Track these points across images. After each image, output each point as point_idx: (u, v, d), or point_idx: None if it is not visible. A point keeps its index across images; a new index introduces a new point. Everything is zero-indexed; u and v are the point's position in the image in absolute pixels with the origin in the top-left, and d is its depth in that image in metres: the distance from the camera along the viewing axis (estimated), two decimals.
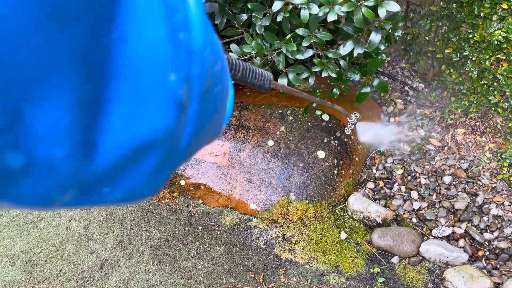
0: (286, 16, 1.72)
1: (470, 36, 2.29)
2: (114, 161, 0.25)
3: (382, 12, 1.72)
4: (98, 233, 2.27)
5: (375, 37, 1.88)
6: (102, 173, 0.25)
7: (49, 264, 2.14)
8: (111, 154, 0.25)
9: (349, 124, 2.25)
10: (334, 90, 2.24)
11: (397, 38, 2.17)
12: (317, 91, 2.37)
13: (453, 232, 2.08)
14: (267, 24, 1.82)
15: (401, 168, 2.42)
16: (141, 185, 0.29)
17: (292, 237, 2.15)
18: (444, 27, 2.48)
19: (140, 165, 0.28)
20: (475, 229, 2.08)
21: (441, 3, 2.41)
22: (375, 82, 2.16)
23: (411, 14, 2.73)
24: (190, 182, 2.35)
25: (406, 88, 2.87)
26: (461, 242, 2.05)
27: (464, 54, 2.38)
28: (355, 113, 2.23)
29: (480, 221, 2.10)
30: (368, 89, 2.20)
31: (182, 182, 2.37)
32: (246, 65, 0.84)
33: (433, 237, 2.10)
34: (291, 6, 1.70)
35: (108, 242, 2.22)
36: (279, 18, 1.73)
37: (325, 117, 2.45)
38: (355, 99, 2.26)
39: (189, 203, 2.38)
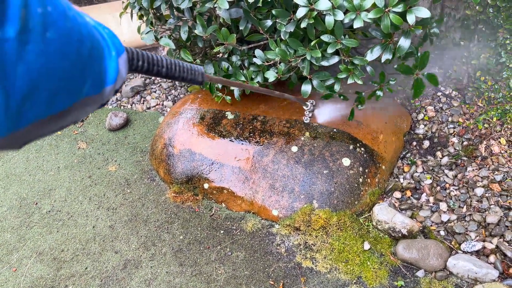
0: (311, 22, 1.70)
1: (507, 42, 2.18)
2: None
3: (411, 19, 1.66)
4: (123, 233, 2.31)
5: (404, 43, 1.82)
6: None
7: (75, 261, 2.20)
8: None
9: (306, 112, 2.22)
10: (378, 92, 2.14)
11: (434, 37, 2.07)
12: (361, 93, 2.28)
13: (484, 247, 1.99)
14: (292, 30, 1.79)
15: (430, 178, 2.33)
16: None
17: (314, 245, 2.12)
18: (480, 32, 2.38)
19: None
20: (507, 244, 1.98)
21: (477, 7, 2.31)
22: (425, 74, 2.04)
23: (445, 18, 2.63)
24: (214, 186, 2.36)
25: (438, 94, 2.78)
26: (492, 258, 1.95)
27: (500, 60, 2.28)
28: (310, 101, 2.20)
29: None
30: (422, 81, 2.06)
31: (206, 186, 2.38)
32: (172, 61, 0.84)
33: (461, 252, 2.01)
34: (316, 13, 1.67)
35: (132, 242, 2.26)
36: (303, 25, 1.71)
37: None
38: (412, 96, 2.11)
39: (212, 207, 2.39)
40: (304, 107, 2.20)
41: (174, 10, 2.13)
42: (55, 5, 0.39)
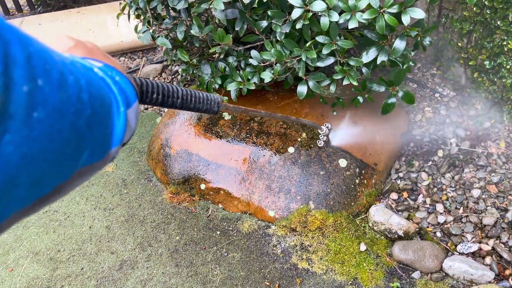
0: (306, 23, 1.70)
1: (504, 43, 2.18)
2: None
3: (406, 19, 1.66)
4: (119, 233, 2.31)
5: (399, 44, 1.82)
6: None
7: (71, 262, 2.20)
8: None
9: (320, 136, 2.20)
10: (358, 98, 2.22)
11: (427, 45, 2.10)
12: (340, 99, 2.34)
13: (480, 249, 1.98)
14: (287, 31, 1.79)
15: (428, 179, 2.33)
16: None
17: (310, 246, 2.12)
18: (478, 33, 2.38)
19: None
20: (503, 246, 1.98)
21: (474, 9, 2.31)
22: (400, 94, 2.11)
23: (443, 19, 2.63)
24: (210, 187, 2.36)
25: (436, 95, 2.77)
26: (488, 260, 1.95)
27: (498, 61, 2.27)
28: (326, 124, 2.17)
29: (509, 238, 1.99)
30: (394, 100, 2.16)
31: (202, 186, 2.38)
32: (188, 91, 0.78)
33: (457, 253, 2.01)
34: (311, 14, 1.67)
35: (128, 243, 2.26)
36: (298, 26, 1.71)
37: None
38: (381, 110, 2.21)
39: (209, 208, 2.39)
40: (319, 131, 2.17)
41: (170, 10, 2.13)
42: (49, 74, 0.32)
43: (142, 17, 2.39)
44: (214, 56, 2.37)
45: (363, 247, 2.08)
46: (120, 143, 0.46)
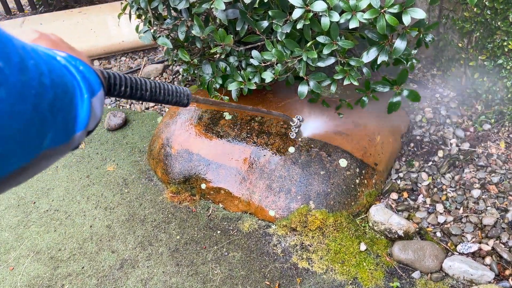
0: (307, 23, 1.70)
1: (505, 44, 2.18)
2: None
3: (406, 19, 1.67)
4: (120, 233, 2.32)
5: (400, 44, 1.82)
6: None
7: (72, 261, 2.21)
8: None
9: (292, 128, 2.21)
10: (364, 98, 2.22)
11: (429, 42, 2.11)
12: (344, 100, 2.35)
13: (480, 249, 1.99)
14: (288, 31, 1.80)
15: (428, 179, 2.33)
16: None
17: (310, 246, 2.12)
18: (478, 34, 2.38)
19: None
20: (503, 246, 1.98)
21: (475, 9, 2.31)
22: (405, 92, 2.12)
23: (443, 20, 2.64)
24: (211, 186, 2.37)
25: (436, 96, 2.78)
26: (488, 260, 1.95)
27: (498, 62, 2.28)
28: (297, 116, 2.18)
29: (509, 239, 1.99)
30: (399, 99, 2.16)
31: (203, 186, 2.39)
32: (157, 84, 0.80)
33: (457, 253, 2.01)
34: (311, 14, 1.68)
35: (129, 242, 2.27)
36: (299, 26, 1.71)
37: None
38: (387, 109, 2.21)
39: (209, 207, 2.40)
40: (291, 123, 2.18)
41: (172, 10, 2.13)
42: (9, 57, 0.34)
43: (143, 17, 2.39)
44: (215, 56, 2.38)
45: (363, 247, 2.09)
46: (85, 129, 0.48)
